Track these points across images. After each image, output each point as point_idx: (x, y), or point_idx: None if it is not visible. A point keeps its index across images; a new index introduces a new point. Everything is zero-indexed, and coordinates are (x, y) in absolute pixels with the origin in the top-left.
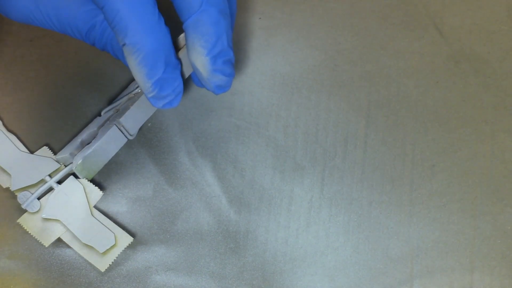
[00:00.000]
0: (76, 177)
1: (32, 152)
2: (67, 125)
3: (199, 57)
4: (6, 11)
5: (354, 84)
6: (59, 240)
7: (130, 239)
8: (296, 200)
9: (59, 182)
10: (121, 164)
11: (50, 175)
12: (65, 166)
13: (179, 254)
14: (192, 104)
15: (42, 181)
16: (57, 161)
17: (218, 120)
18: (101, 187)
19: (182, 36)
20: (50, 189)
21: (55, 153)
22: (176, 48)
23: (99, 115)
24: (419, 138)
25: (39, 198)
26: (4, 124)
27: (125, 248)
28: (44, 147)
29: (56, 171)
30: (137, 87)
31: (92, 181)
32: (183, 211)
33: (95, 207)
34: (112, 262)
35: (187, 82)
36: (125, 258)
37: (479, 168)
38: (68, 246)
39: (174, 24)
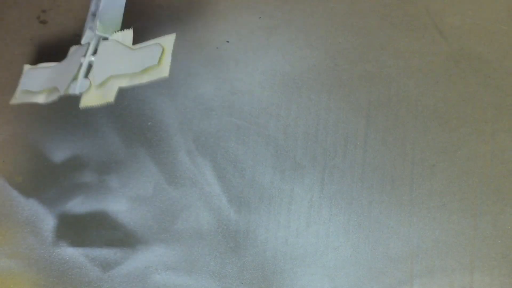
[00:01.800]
0: (107, 39)
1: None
2: (67, 124)
3: None
4: None
5: (354, 83)
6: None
7: (172, 36)
8: (296, 199)
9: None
10: (121, 163)
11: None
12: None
13: (179, 253)
14: (192, 103)
15: (80, 66)
16: (85, 43)
17: (218, 119)
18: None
19: None
20: (91, 65)
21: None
22: None
23: None
24: (419, 137)
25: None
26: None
27: (173, 48)
28: (72, 46)
29: (87, 51)
30: None
31: None
32: (183, 210)
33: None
34: (170, 64)
35: (183, 85)
36: (125, 257)
37: (479, 168)
38: (70, 246)
39: None
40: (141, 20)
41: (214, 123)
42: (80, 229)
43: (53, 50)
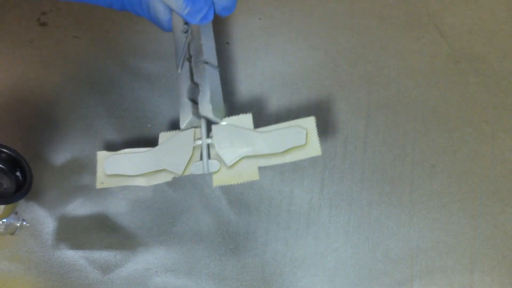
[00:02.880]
0: (214, 123)
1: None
2: (67, 126)
3: None
4: None
5: (354, 84)
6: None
7: (312, 119)
8: (296, 201)
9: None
10: None
11: (194, 140)
12: (197, 127)
13: (179, 255)
14: None
15: (196, 148)
16: (186, 129)
17: None
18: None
19: None
20: (208, 147)
21: None
22: None
23: (177, 71)
24: (419, 138)
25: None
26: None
27: (316, 128)
28: (161, 133)
29: (195, 134)
30: (183, 32)
31: None
32: (183, 213)
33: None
34: (319, 141)
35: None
36: (125, 259)
37: (479, 168)
38: (69, 248)
39: None
40: (141, 24)
41: None
42: (80, 232)
43: (53, 52)
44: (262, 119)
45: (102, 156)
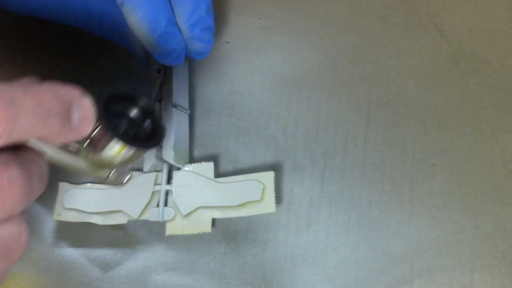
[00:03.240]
0: (178, 169)
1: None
2: None
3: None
4: (3, 2)
5: (354, 84)
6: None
7: (271, 174)
8: (296, 199)
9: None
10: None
11: (155, 185)
12: (159, 171)
13: (179, 253)
14: (191, 103)
15: (155, 194)
16: (149, 172)
17: (218, 119)
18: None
19: None
20: (167, 193)
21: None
22: None
23: None
24: (419, 137)
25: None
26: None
27: (274, 184)
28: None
29: (156, 179)
30: (157, 72)
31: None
32: None
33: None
34: (275, 200)
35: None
36: (125, 257)
37: (479, 167)
38: (69, 246)
39: None
40: None
41: (214, 123)
42: (80, 230)
43: (54, 52)
44: (261, 119)
45: (64, 187)
